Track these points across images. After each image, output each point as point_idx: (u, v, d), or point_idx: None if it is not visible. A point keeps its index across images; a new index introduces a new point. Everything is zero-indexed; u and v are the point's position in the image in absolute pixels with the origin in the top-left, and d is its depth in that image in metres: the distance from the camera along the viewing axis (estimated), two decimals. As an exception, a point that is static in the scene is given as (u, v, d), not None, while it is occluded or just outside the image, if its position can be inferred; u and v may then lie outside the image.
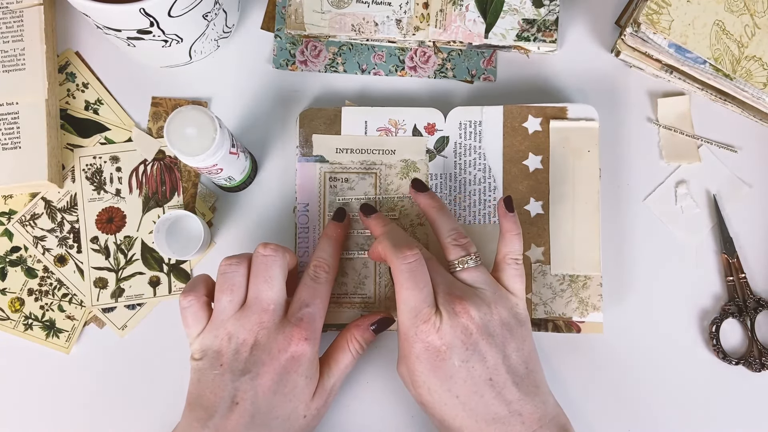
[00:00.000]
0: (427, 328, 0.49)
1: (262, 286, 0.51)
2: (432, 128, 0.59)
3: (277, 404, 0.50)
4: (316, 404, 0.52)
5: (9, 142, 0.57)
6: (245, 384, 0.49)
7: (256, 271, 0.51)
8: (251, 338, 0.50)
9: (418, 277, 0.50)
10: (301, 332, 0.50)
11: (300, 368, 0.50)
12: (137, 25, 0.52)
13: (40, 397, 0.59)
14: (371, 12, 0.59)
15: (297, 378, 0.50)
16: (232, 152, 0.52)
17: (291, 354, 0.50)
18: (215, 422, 0.48)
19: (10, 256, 0.60)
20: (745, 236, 0.60)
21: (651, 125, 0.61)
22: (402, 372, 0.52)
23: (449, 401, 0.49)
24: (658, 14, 0.55)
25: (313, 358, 0.51)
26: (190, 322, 0.51)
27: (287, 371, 0.50)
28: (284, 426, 0.50)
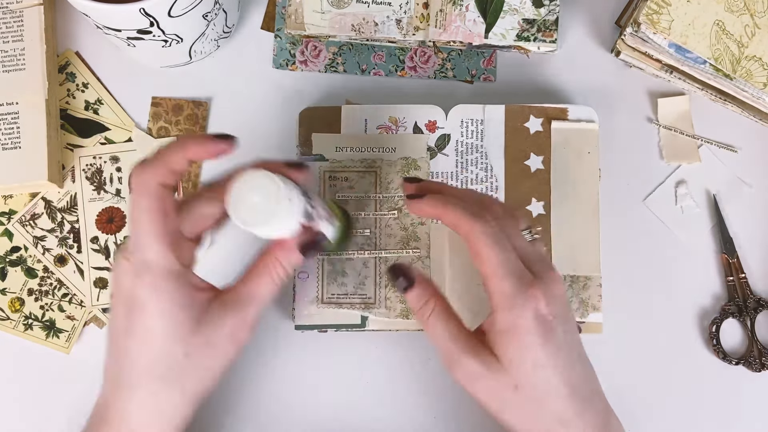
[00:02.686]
0: (534, 292, 0.44)
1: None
2: (433, 126, 0.59)
3: (134, 348, 0.44)
4: (204, 339, 0.44)
5: (9, 142, 0.57)
6: (110, 323, 0.45)
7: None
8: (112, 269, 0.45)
9: (505, 241, 0.45)
10: (129, 267, 0.43)
11: (145, 309, 0.43)
12: (137, 25, 0.52)
13: (40, 397, 0.59)
14: (371, 12, 0.59)
15: (146, 320, 0.43)
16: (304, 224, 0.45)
17: (128, 293, 0.43)
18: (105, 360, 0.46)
19: (10, 256, 0.60)
20: (745, 236, 0.60)
21: (651, 125, 0.61)
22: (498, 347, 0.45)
23: (553, 378, 0.44)
24: (658, 14, 0.55)
25: (157, 294, 0.43)
26: None
27: (131, 311, 0.43)
28: (158, 369, 0.44)
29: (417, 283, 0.47)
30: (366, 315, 0.57)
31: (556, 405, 0.45)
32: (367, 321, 0.57)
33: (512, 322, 0.44)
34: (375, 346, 0.59)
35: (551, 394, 0.45)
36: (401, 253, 0.58)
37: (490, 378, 0.45)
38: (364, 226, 0.58)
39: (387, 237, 0.58)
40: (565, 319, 0.46)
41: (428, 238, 0.58)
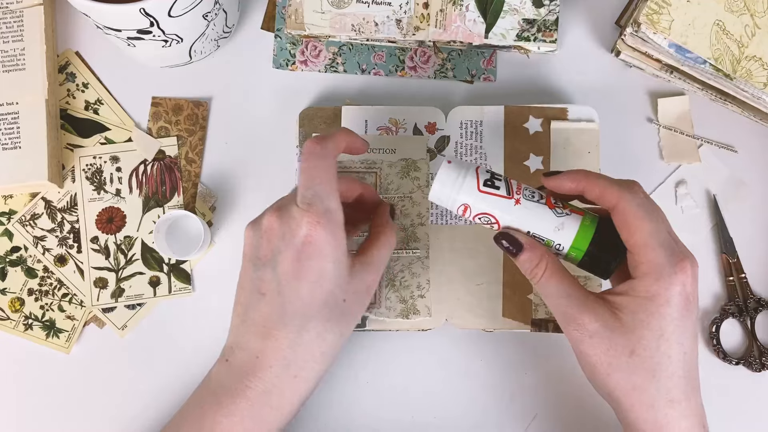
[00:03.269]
0: (685, 267, 0.45)
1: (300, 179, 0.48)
2: (433, 127, 0.59)
3: (306, 291, 0.47)
4: (355, 287, 0.49)
5: (9, 142, 0.57)
6: (267, 273, 0.47)
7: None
8: (267, 224, 0.48)
9: (656, 212, 0.46)
10: (311, 216, 0.46)
11: (321, 252, 0.47)
12: (137, 25, 0.52)
13: (40, 397, 0.59)
14: (371, 12, 0.59)
15: (321, 263, 0.47)
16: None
17: (304, 239, 0.46)
18: (251, 316, 0.48)
19: (10, 256, 0.60)
20: (745, 236, 0.60)
21: (651, 125, 0.61)
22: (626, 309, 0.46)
23: (675, 355, 0.45)
24: (658, 14, 0.55)
25: (333, 240, 0.47)
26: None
27: (307, 257, 0.47)
28: (323, 312, 0.47)
29: (526, 247, 0.48)
30: (366, 315, 0.57)
31: (668, 381, 0.45)
32: (367, 321, 0.57)
33: (656, 291, 0.45)
34: (375, 346, 0.59)
35: (667, 370, 0.45)
36: (401, 253, 0.58)
37: (607, 338, 0.45)
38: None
39: (387, 237, 0.58)
40: (697, 305, 0.46)
41: (428, 238, 0.58)
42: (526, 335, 0.59)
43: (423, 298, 0.57)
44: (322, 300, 0.47)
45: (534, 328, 0.57)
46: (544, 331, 0.57)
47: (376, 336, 0.59)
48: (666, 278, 0.45)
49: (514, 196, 0.48)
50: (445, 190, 0.48)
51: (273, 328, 0.47)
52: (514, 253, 0.48)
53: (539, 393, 0.58)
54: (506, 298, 0.57)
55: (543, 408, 0.58)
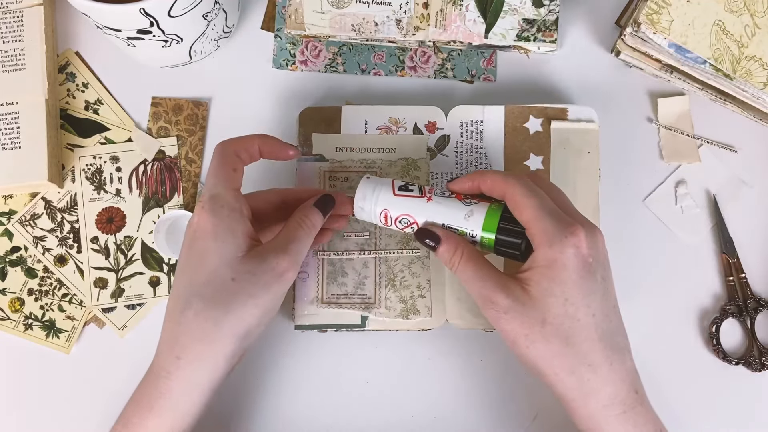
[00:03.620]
0: (576, 231, 0.46)
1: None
2: (433, 126, 0.59)
3: (189, 271, 0.48)
4: (251, 268, 0.48)
5: (9, 142, 0.57)
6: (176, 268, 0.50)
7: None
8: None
9: (539, 190, 0.48)
10: (199, 204, 0.49)
11: (204, 234, 0.48)
12: (137, 25, 0.52)
13: (40, 397, 0.59)
14: (371, 12, 0.59)
15: (203, 243, 0.48)
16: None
17: (194, 225, 0.49)
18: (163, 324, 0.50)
19: (10, 256, 0.60)
20: (745, 236, 0.60)
21: (651, 125, 0.61)
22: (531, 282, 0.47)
23: (584, 318, 0.46)
24: (658, 14, 0.55)
25: (219, 221, 0.48)
26: None
27: (193, 239, 0.49)
28: (206, 291, 0.47)
29: (443, 238, 0.50)
30: (366, 315, 0.57)
31: (583, 346, 0.46)
32: (367, 321, 0.57)
33: (551, 257, 0.46)
34: (375, 346, 0.59)
35: (579, 334, 0.46)
36: (401, 253, 0.58)
37: (519, 312, 0.47)
38: (363, 226, 0.58)
39: (387, 237, 0.58)
40: (605, 268, 0.47)
41: (428, 238, 0.58)
42: (526, 335, 0.59)
43: (423, 298, 0.57)
44: (204, 279, 0.48)
45: (534, 328, 0.57)
46: (544, 331, 0.57)
47: (376, 336, 0.59)
48: (558, 243, 0.46)
49: (426, 195, 0.51)
50: (366, 203, 0.51)
51: (168, 312, 0.49)
52: (434, 247, 0.50)
53: (539, 393, 0.58)
54: (506, 298, 0.57)
55: (543, 408, 0.58)
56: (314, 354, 0.59)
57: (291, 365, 0.59)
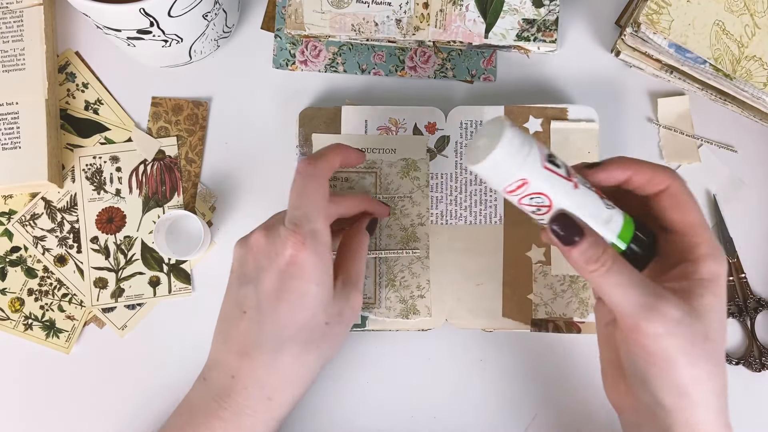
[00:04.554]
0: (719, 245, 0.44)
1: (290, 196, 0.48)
2: (433, 127, 0.59)
3: (285, 312, 0.47)
4: (338, 309, 0.49)
5: (9, 142, 0.57)
6: (250, 291, 0.47)
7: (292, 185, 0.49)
8: (254, 242, 0.48)
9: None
10: (296, 236, 0.46)
11: (304, 274, 0.46)
12: (137, 25, 0.52)
13: (40, 397, 0.59)
14: (371, 12, 0.59)
15: (303, 285, 0.47)
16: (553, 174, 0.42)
17: (289, 259, 0.46)
18: (231, 333, 0.48)
19: (10, 256, 0.60)
20: (745, 236, 0.60)
21: (651, 125, 0.61)
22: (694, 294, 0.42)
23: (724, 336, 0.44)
24: (658, 14, 0.55)
25: (319, 261, 0.47)
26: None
27: (290, 277, 0.46)
28: (302, 335, 0.47)
29: (587, 234, 0.42)
30: (366, 315, 0.57)
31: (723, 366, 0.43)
32: (367, 321, 0.57)
33: (716, 271, 0.43)
34: (375, 346, 0.59)
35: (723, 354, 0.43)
36: (401, 253, 0.58)
37: (688, 325, 0.41)
38: None
39: (387, 237, 0.58)
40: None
41: (428, 238, 0.58)
42: (526, 335, 0.59)
43: (423, 298, 0.57)
44: (301, 322, 0.47)
45: (534, 328, 0.57)
46: (544, 331, 0.57)
47: (376, 336, 0.59)
48: (722, 258, 0.43)
49: (572, 179, 0.42)
50: (507, 161, 0.40)
51: (250, 348, 0.47)
52: (571, 241, 0.42)
53: (539, 393, 0.58)
54: (506, 298, 0.57)
55: (543, 408, 0.58)
56: (314, 354, 0.59)
57: (291, 365, 0.59)
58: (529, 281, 0.57)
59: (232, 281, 0.49)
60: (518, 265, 0.57)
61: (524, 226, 0.58)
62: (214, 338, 0.50)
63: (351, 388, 0.59)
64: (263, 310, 0.47)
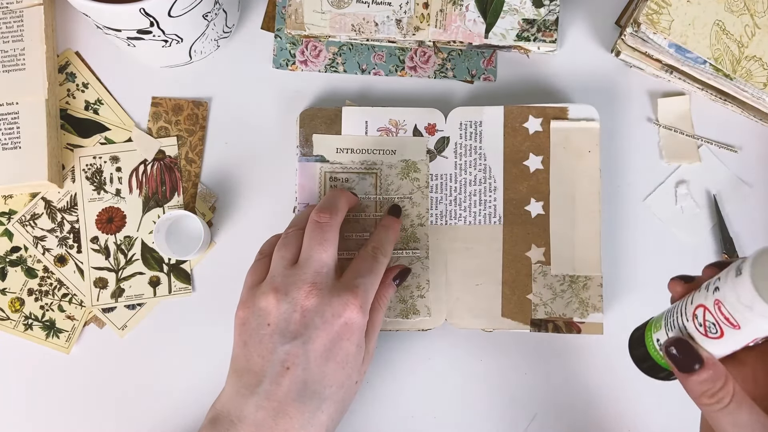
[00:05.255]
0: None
1: (316, 248, 0.50)
2: (432, 128, 0.59)
3: (330, 372, 0.47)
4: (365, 368, 0.51)
5: (9, 142, 0.57)
6: (297, 348, 0.47)
7: (310, 233, 0.50)
8: (302, 299, 0.48)
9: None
10: (357, 299, 0.48)
11: (353, 336, 0.48)
12: (137, 25, 0.52)
13: (40, 397, 0.59)
14: (371, 12, 0.59)
15: (349, 346, 0.48)
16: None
17: (345, 320, 0.48)
18: (266, 388, 0.46)
19: (10, 256, 0.60)
20: (745, 236, 0.60)
21: (651, 125, 0.61)
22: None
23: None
24: (658, 14, 0.55)
25: (364, 327, 0.49)
26: (247, 274, 0.52)
27: (340, 338, 0.48)
28: (339, 394, 0.48)
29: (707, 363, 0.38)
30: (366, 315, 0.57)
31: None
32: (367, 321, 0.57)
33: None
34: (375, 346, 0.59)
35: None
36: (401, 253, 0.58)
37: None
38: (364, 227, 0.58)
39: (387, 237, 0.58)
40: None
41: (427, 239, 0.58)
42: (525, 335, 0.59)
43: (423, 298, 0.57)
44: (340, 382, 0.48)
45: (534, 328, 0.57)
46: (544, 331, 0.57)
47: (376, 336, 0.59)
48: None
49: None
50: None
51: (289, 406, 0.46)
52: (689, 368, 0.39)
53: (539, 393, 0.58)
54: (506, 298, 0.57)
55: (543, 408, 0.58)
56: (314, 354, 0.59)
57: (291, 365, 0.59)
58: (529, 281, 0.57)
59: (265, 334, 0.48)
60: (518, 265, 0.58)
61: (524, 226, 0.58)
62: (233, 390, 0.47)
63: (351, 388, 0.59)
64: (311, 368, 0.47)
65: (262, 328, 0.48)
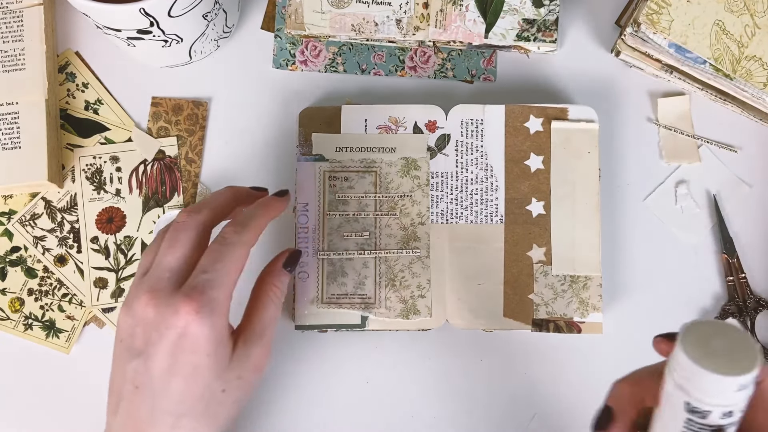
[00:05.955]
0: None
1: (164, 251, 0.45)
2: (433, 126, 0.59)
3: (177, 388, 0.44)
4: (236, 373, 0.46)
5: (9, 142, 0.57)
6: (141, 366, 0.44)
7: (167, 236, 0.46)
8: (141, 311, 0.44)
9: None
10: (191, 304, 0.43)
11: (196, 347, 0.43)
12: (137, 25, 0.52)
13: (40, 397, 0.59)
14: (371, 12, 0.59)
15: (197, 357, 0.44)
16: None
17: (180, 331, 0.43)
18: (124, 407, 0.45)
19: (10, 256, 0.60)
20: (745, 236, 0.60)
21: (651, 125, 0.61)
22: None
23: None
24: (658, 14, 0.55)
25: (212, 332, 0.44)
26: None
27: (182, 350, 0.43)
28: (198, 408, 0.45)
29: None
30: (366, 315, 0.57)
31: None
32: (367, 321, 0.57)
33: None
34: (375, 346, 0.59)
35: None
36: (401, 253, 0.58)
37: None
38: (363, 226, 0.58)
39: (387, 237, 0.58)
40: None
41: (428, 238, 0.58)
42: (526, 335, 0.59)
43: (423, 298, 0.57)
44: (197, 395, 0.45)
45: (535, 328, 0.57)
46: (545, 331, 0.57)
47: (376, 336, 0.59)
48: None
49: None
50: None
51: (144, 425, 0.44)
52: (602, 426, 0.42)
53: (539, 393, 0.58)
54: (507, 298, 0.57)
55: (543, 408, 0.58)
56: (314, 354, 0.59)
57: (291, 365, 0.59)
58: (530, 281, 0.57)
59: (120, 352, 0.46)
60: (519, 265, 0.57)
61: (525, 226, 0.58)
62: (107, 411, 0.47)
63: (351, 388, 0.59)
64: (155, 386, 0.44)
65: (117, 344, 0.46)
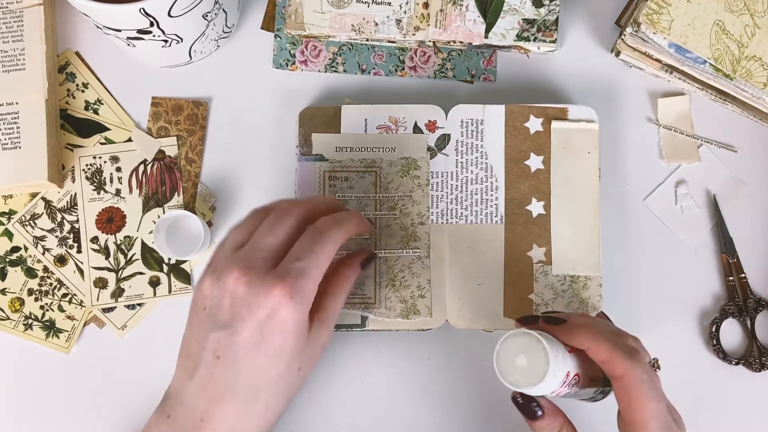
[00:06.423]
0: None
1: (263, 231, 0.47)
2: (433, 125, 0.59)
3: (261, 365, 0.45)
4: (309, 353, 0.48)
5: (9, 142, 0.57)
6: (225, 338, 0.45)
7: (268, 218, 0.48)
8: (231, 285, 0.45)
9: (659, 390, 0.46)
10: (285, 288, 0.44)
11: (285, 328, 0.45)
12: (137, 25, 0.52)
13: (40, 397, 0.59)
14: (371, 12, 0.59)
15: (282, 339, 0.45)
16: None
17: (270, 311, 0.44)
18: (201, 374, 0.45)
19: (10, 256, 0.60)
20: (745, 236, 0.60)
21: (651, 125, 0.61)
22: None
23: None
24: (658, 14, 0.55)
25: (300, 316, 0.45)
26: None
27: (270, 330, 0.45)
28: (277, 384, 0.46)
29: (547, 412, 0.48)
30: (366, 315, 0.57)
31: None
32: (367, 321, 0.57)
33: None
34: (375, 346, 0.59)
35: None
36: (401, 253, 0.58)
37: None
38: None
39: (387, 237, 0.58)
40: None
41: (428, 238, 0.58)
42: (526, 335, 0.59)
43: (423, 298, 0.57)
44: (277, 373, 0.46)
45: (534, 328, 0.57)
46: (545, 331, 0.57)
47: (376, 336, 0.59)
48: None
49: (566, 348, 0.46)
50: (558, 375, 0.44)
51: (223, 395, 0.45)
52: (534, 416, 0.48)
53: (539, 393, 0.58)
54: (508, 298, 0.57)
55: (543, 408, 0.58)
56: (314, 354, 0.59)
57: (291, 365, 0.59)
58: (530, 281, 0.57)
59: (201, 319, 0.46)
60: (519, 265, 0.57)
61: (525, 226, 0.58)
62: (178, 372, 0.48)
63: (351, 387, 0.59)
64: (239, 361, 0.45)
65: (199, 311, 0.47)
